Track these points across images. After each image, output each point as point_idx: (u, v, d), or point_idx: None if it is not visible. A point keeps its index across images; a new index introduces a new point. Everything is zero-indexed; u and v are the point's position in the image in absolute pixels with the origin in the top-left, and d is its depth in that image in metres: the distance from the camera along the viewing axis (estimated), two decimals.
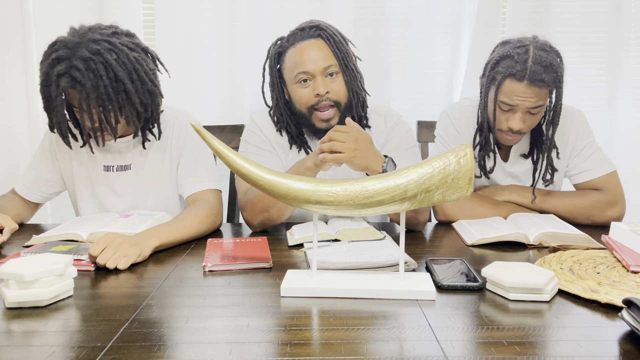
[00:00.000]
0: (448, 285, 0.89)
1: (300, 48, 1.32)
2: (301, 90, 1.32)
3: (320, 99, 1.31)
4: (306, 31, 1.34)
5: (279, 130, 1.43)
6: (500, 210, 1.40)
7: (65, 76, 1.20)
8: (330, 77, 1.32)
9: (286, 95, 1.39)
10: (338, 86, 1.33)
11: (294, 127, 1.40)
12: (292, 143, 1.41)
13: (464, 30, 2.01)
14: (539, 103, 1.31)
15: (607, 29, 1.99)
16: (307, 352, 0.67)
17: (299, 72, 1.31)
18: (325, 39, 1.32)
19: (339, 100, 1.33)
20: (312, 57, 1.30)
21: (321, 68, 1.30)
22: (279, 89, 1.39)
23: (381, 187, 0.84)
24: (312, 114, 1.34)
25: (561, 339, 0.71)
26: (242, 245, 1.14)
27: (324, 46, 1.32)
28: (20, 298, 0.81)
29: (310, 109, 1.33)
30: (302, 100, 1.33)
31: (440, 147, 1.51)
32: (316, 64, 1.30)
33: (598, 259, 1.03)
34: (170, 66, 1.48)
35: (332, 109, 1.32)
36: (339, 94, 1.33)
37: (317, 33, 1.33)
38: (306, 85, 1.32)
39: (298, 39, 1.34)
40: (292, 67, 1.33)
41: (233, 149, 1.08)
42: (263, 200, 1.26)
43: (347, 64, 1.33)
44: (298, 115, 1.37)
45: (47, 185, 1.45)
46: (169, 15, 1.93)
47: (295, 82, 1.33)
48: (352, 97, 1.35)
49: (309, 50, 1.31)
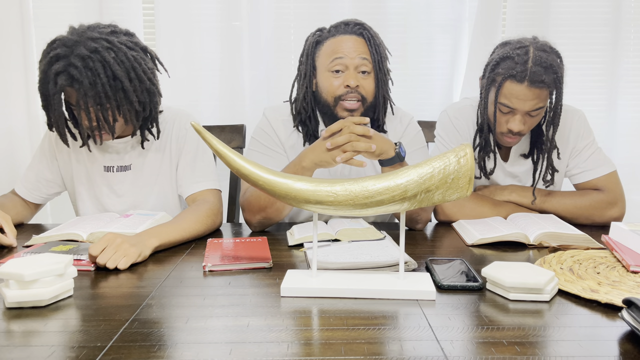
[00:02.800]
0: (448, 285, 0.89)
1: (340, 39, 1.35)
2: (332, 79, 1.34)
3: (349, 90, 1.32)
4: (350, 26, 1.37)
5: (296, 126, 1.42)
6: (500, 210, 1.40)
7: (64, 74, 1.20)
8: (362, 75, 1.34)
9: (314, 86, 1.41)
10: (368, 84, 1.34)
11: (313, 121, 1.41)
12: (306, 139, 1.41)
13: (464, 30, 2.01)
14: (539, 105, 1.31)
15: (607, 29, 1.99)
16: (307, 352, 0.67)
17: (335, 58, 1.33)
18: (366, 38, 1.35)
19: (366, 96, 1.34)
20: (350, 49, 1.33)
21: (356, 62, 1.32)
22: (310, 76, 1.40)
23: (381, 187, 0.84)
24: (337, 104, 1.34)
25: (561, 339, 0.71)
26: (242, 245, 1.14)
27: (363, 44, 1.34)
28: (20, 298, 0.81)
29: (337, 99, 1.34)
30: (330, 89, 1.34)
31: (440, 147, 1.51)
32: (353, 56, 1.32)
33: (598, 259, 1.03)
34: (170, 66, 1.48)
35: (358, 102, 1.34)
36: (367, 91, 1.34)
37: (360, 31, 1.35)
38: (338, 76, 1.33)
39: (340, 32, 1.36)
40: (329, 54, 1.34)
41: (233, 149, 1.09)
42: (260, 199, 1.26)
43: (381, 67, 1.35)
44: (322, 105, 1.38)
45: (46, 185, 1.45)
46: (169, 15, 1.94)
47: (328, 70, 1.34)
48: (380, 99, 1.36)
49: (349, 43, 1.34)
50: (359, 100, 1.33)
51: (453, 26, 2.00)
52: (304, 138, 1.41)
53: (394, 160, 1.22)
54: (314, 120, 1.41)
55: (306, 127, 1.41)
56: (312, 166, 1.20)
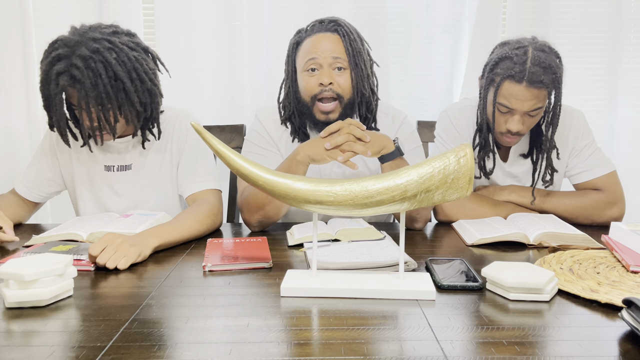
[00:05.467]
0: (448, 285, 0.89)
1: (315, 38, 1.36)
2: (308, 78, 1.35)
3: (323, 88, 1.33)
4: (325, 24, 1.38)
5: (284, 122, 1.44)
6: (500, 210, 1.40)
7: (65, 74, 1.20)
8: (337, 71, 1.34)
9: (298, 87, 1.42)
10: (344, 81, 1.34)
11: (298, 118, 1.42)
12: (294, 135, 1.43)
13: (464, 30, 2.01)
14: (538, 105, 1.31)
15: (607, 29, 1.99)
16: (307, 352, 0.67)
17: (308, 58, 1.34)
18: (341, 34, 1.35)
19: (342, 94, 1.34)
20: (323, 48, 1.34)
21: (330, 59, 1.33)
22: (292, 77, 1.41)
23: (381, 187, 0.84)
24: (314, 105, 1.35)
25: (561, 339, 0.71)
26: (242, 245, 1.14)
27: (337, 40, 1.35)
28: (20, 298, 0.81)
29: (314, 98, 1.35)
30: (307, 89, 1.35)
31: (440, 147, 1.51)
32: (325, 54, 1.33)
33: (598, 259, 1.03)
34: (170, 66, 1.48)
35: (334, 102, 1.34)
36: (343, 88, 1.34)
37: (334, 28, 1.36)
38: (313, 75, 1.34)
39: (316, 31, 1.38)
40: (305, 54, 1.36)
41: (233, 149, 1.09)
42: (257, 198, 1.26)
43: (357, 62, 1.35)
44: (302, 105, 1.39)
45: (47, 184, 1.45)
46: (169, 15, 1.94)
47: (304, 70, 1.36)
48: (356, 95, 1.36)
49: (323, 41, 1.35)
50: (334, 99, 1.34)
51: (453, 26, 2.00)
52: (291, 134, 1.43)
53: (394, 154, 1.23)
54: (297, 119, 1.42)
55: (292, 125, 1.43)
56: (306, 159, 1.22)
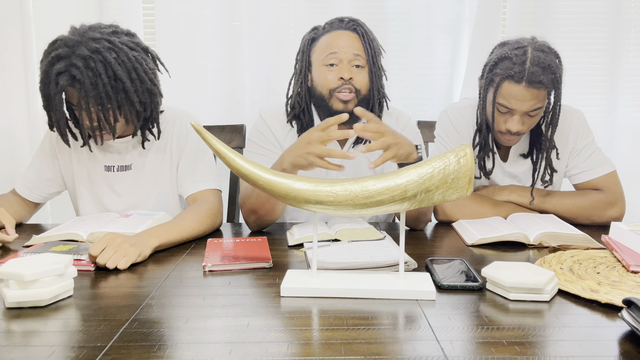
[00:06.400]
0: (448, 285, 0.89)
1: (335, 35, 1.37)
2: (327, 72, 1.36)
3: (343, 82, 1.34)
4: (344, 22, 1.40)
5: (290, 121, 1.44)
6: (500, 210, 1.40)
7: (65, 74, 1.20)
8: (355, 69, 1.35)
9: (309, 82, 1.42)
10: (362, 78, 1.36)
11: (307, 115, 1.42)
12: (301, 134, 1.41)
13: (464, 30, 2.01)
14: (537, 105, 1.31)
15: (607, 29, 1.99)
16: (307, 352, 0.67)
17: (329, 52, 1.35)
18: (360, 34, 1.37)
19: (360, 89, 1.36)
20: (344, 44, 1.35)
21: (350, 55, 1.34)
22: (305, 73, 1.42)
23: (381, 187, 0.84)
24: (332, 97, 1.36)
25: (561, 339, 0.71)
26: (242, 245, 1.14)
27: (357, 39, 1.37)
28: (20, 298, 0.81)
29: (332, 91, 1.35)
30: (325, 82, 1.36)
31: (440, 147, 1.51)
32: (346, 50, 1.34)
33: (598, 259, 1.03)
34: (170, 66, 1.48)
35: (352, 94, 1.35)
36: (361, 84, 1.36)
37: (354, 27, 1.38)
38: (332, 70, 1.35)
39: (335, 28, 1.39)
40: (324, 49, 1.37)
41: (233, 149, 1.09)
42: (253, 197, 1.26)
43: (374, 61, 1.37)
44: (317, 98, 1.39)
45: (47, 184, 1.45)
46: (169, 15, 1.94)
47: (323, 64, 1.36)
48: (374, 93, 1.38)
49: (343, 37, 1.36)
50: (352, 92, 1.34)
51: (453, 26, 2.00)
52: (297, 132, 1.43)
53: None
54: (307, 115, 1.42)
55: (300, 122, 1.43)
56: (291, 168, 1.16)
